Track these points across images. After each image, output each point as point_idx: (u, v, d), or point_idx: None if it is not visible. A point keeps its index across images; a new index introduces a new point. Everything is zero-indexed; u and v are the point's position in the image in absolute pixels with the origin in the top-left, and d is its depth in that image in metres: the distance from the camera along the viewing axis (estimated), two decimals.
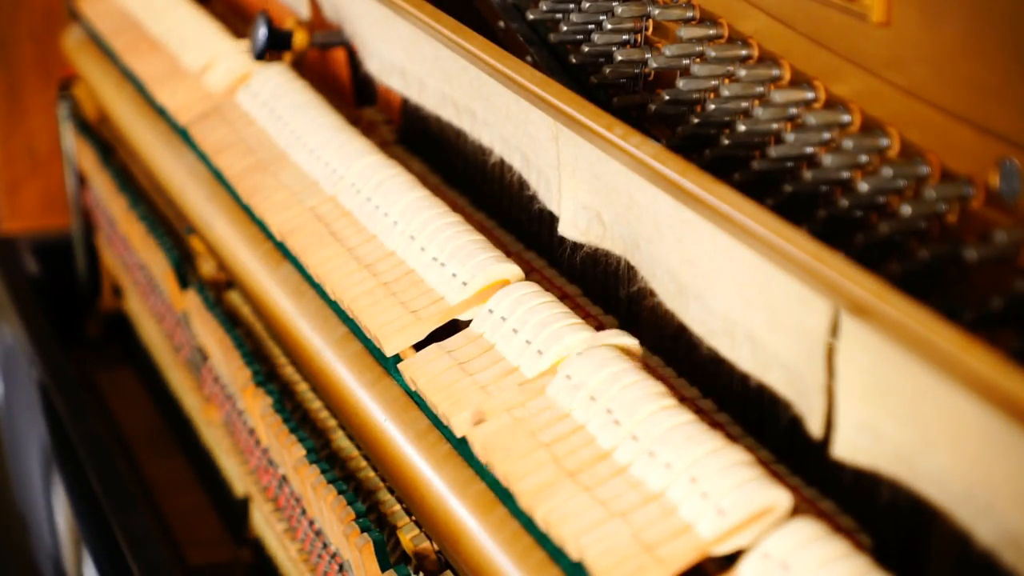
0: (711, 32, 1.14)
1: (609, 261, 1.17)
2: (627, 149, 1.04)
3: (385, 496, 1.31)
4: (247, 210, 1.51)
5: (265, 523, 1.66)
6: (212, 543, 1.89)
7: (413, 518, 1.25)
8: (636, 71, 1.22)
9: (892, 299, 0.82)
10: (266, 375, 1.52)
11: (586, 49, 1.25)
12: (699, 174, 0.98)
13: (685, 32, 1.14)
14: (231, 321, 1.64)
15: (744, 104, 1.09)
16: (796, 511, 0.91)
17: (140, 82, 1.87)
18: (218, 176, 1.59)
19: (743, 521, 0.90)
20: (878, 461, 0.86)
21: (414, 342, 1.19)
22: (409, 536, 1.23)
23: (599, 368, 1.04)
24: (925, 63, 0.93)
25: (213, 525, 1.91)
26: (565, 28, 1.27)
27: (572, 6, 1.28)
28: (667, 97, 1.14)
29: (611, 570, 0.91)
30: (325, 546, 1.35)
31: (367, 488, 1.34)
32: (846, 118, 1.00)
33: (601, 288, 1.26)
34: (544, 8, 1.30)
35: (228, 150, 1.58)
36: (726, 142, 1.08)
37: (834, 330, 0.89)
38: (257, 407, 1.46)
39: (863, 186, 0.95)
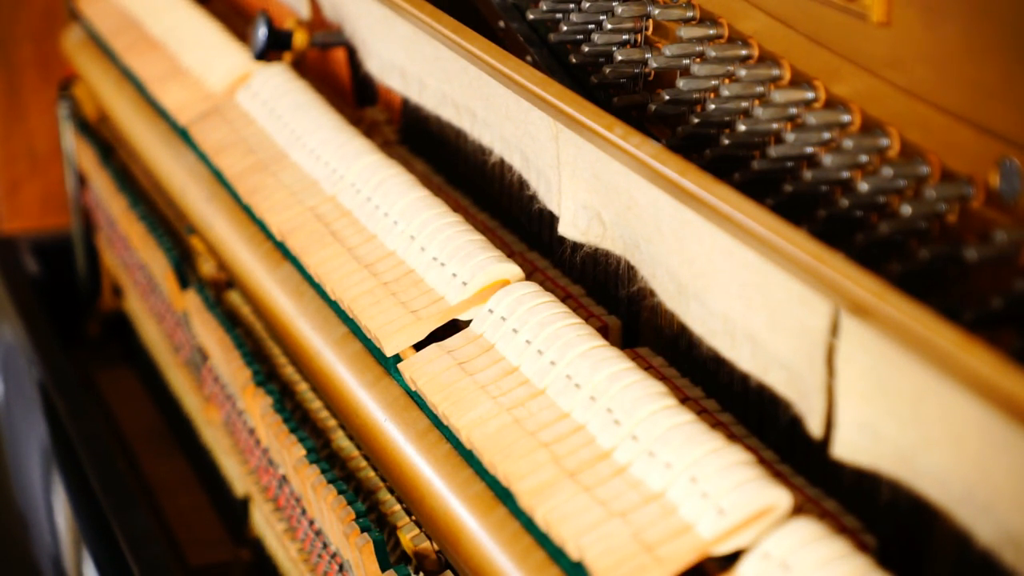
0: (711, 32, 1.14)
1: (609, 261, 1.17)
2: (627, 149, 1.04)
3: (385, 496, 1.31)
4: (247, 210, 1.51)
5: (265, 523, 1.66)
6: (212, 543, 1.89)
7: (413, 518, 1.25)
8: (636, 71, 1.22)
9: (892, 299, 0.82)
10: (266, 375, 1.52)
11: (586, 49, 1.25)
12: (699, 174, 0.98)
13: (685, 32, 1.14)
14: (231, 321, 1.64)
15: (744, 104, 1.08)
16: (800, 511, 0.91)
17: (140, 82, 1.87)
18: (218, 176, 1.59)
19: (743, 521, 0.90)
20: (878, 461, 0.86)
21: (414, 342, 1.19)
22: (409, 536, 1.23)
23: (599, 368, 1.04)
24: (925, 63, 0.93)
25: (213, 525, 1.91)
26: (565, 28, 1.27)
27: (572, 6, 1.27)
28: (667, 97, 1.13)
29: (611, 570, 0.91)
30: (325, 546, 1.35)
31: (367, 488, 1.34)
32: (846, 118, 1.00)
33: (601, 288, 1.26)
34: (544, 8, 1.29)
35: (228, 150, 1.58)
36: (726, 142, 1.08)
37: (834, 330, 0.89)
38: (257, 407, 1.46)
39: (863, 186, 0.95)
